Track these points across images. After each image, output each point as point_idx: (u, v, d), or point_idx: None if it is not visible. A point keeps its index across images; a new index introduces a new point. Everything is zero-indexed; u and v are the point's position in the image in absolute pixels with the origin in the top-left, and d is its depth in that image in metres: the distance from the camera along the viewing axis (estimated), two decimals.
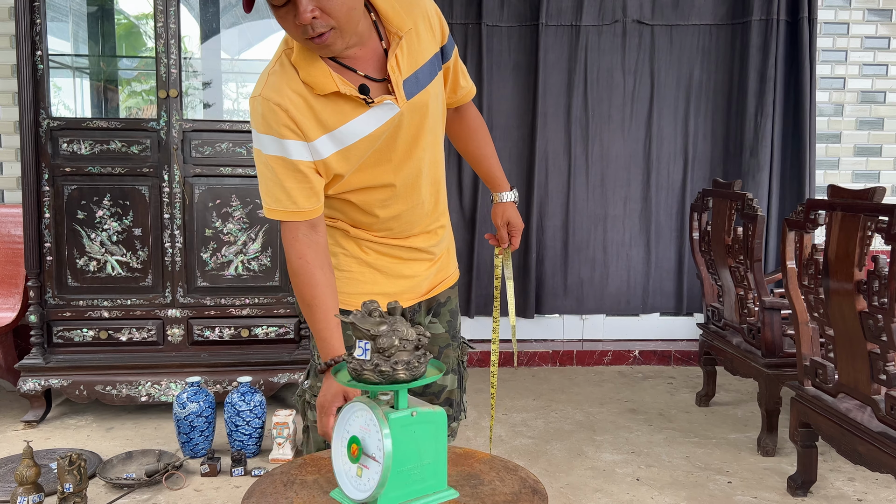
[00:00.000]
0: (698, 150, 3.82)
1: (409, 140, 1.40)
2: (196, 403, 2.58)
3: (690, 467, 2.58)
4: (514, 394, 3.35)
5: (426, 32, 1.38)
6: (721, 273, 2.96)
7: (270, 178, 1.32)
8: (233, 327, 3.02)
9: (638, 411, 3.14)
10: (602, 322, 3.93)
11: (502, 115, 3.72)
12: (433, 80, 1.40)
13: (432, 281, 1.57)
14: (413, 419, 1.10)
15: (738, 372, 2.87)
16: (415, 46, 1.36)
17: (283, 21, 1.21)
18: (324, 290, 1.33)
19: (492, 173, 1.65)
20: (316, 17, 1.17)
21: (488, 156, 1.64)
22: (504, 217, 1.63)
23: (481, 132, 1.63)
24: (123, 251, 2.97)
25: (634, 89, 3.76)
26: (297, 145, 1.29)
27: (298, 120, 1.28)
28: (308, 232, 1.34)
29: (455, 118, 1.62)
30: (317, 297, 1.32)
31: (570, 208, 3.76)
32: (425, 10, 1.38)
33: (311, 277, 1.33)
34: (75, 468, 2.15)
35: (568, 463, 2.61)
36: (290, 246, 1.34)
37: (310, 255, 1.33)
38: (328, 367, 1.31)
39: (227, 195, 2.99)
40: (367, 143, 1.35)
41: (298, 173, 1.31)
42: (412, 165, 1.42)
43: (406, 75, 1.34)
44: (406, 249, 1.51)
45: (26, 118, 2.85)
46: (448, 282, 1.62)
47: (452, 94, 1.53)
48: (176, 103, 2.93)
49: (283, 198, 1.32)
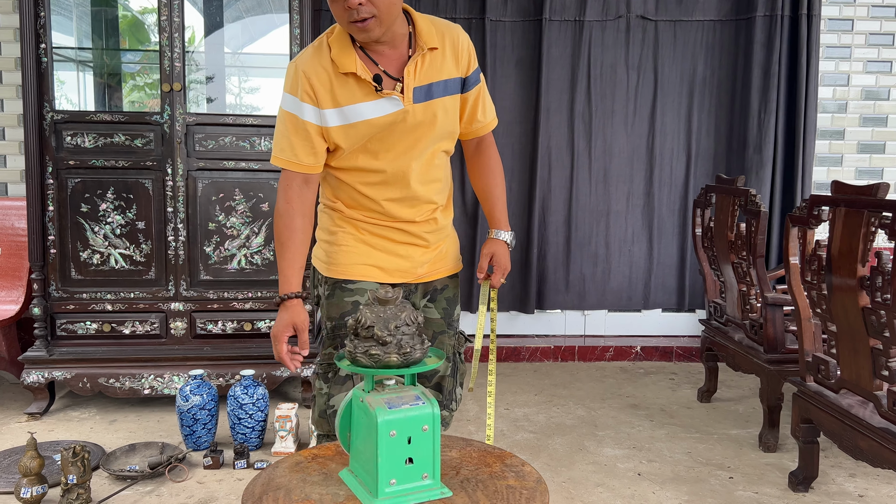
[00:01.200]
0: (701, 146, 3.81)
1: (409, 140, 1.56)
2: (199, 396, 2.59)
3: (692, 463, 2.59)
4: (516, 389, 3.36)
5: (451, 58, 1.57)
6: (723, 269, 2.96)
7: (282, 131, 1.54)
8: (236, 321, 3.03)
9: (639, 407, 3.14)
10: (604, 318, 3.93)
11: (505, 111, 3.71)
12: (444, 97, 1.57)
13: (429, 267, 1.69)
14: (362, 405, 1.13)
15: (740, 368, 2.87)
16: (436, 64, 1.55)
17: (333, 5, 1.42)
18: (299, 234, 1.53)
19: (495, 212, 1.76)
20: (362, 3, 1.39)
21: (497, 196, 1.76)
22: (490, 249, 1.74)
23: (496, 172, 1.76)
24: (127, 244, 2.98)
25: (638, 85, 3.75)
26: (310, 109, 1.51)
27: (317, 89, 1.50)
28: (301, 185, 1.55)
29: (475, 153, 1.77)
30: (292, 238, 1.53)
31: (573, 204, 3.76)
32: (457, 39, 1.58)
33: (291, 220, 1.53)
34: (79, 460, 2.16)
35: (569, 458, 2.61)
36: (282, 191, 1.55)
37: (296, 203, 1.54)
38: (283, 300, 1.52)
39: (230, 189, 2.99)
40: (366, 127, 1.53)
41: (305, 132, 1.52)
42: (404, 161, 1.58)
43: (419, 83, 1.53)
44: (398, 232, 1.64)
45: (30, 111, 2.85)
46: (447, 271, 1.74)
47: (468, 125, 1.69)
48: (179, 97, 2.93)
49: (287, 149, 1.54)
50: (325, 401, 1.60)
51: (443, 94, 1.56)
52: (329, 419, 1.60)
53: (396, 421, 1.10)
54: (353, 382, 1.59)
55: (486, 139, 1.76)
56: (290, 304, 1.51)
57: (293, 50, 2.95)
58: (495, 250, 1.73)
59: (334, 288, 1.62)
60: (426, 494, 1.13)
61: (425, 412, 1.14)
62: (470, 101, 1.64)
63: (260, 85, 3.87)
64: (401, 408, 1.12)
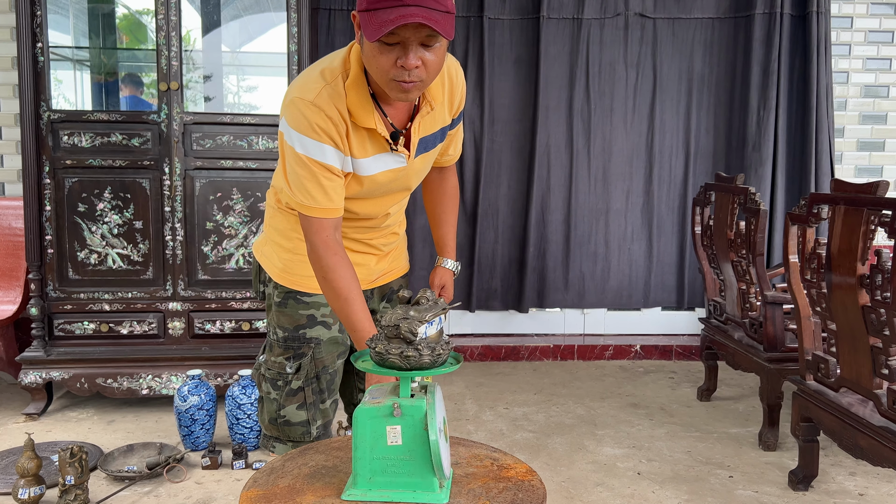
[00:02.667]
0: (700, 143, 3.80)
1: (392, 191, 1.52)
2: (197, 396, 2.58)
3: (692, 461, 2.58)
4: (515, 388, 3.35)
5: (447, 103, 1.51)
6: (723, 267, 2.95)
7: (306, 177, 1.38)
8: (234, 320, 3.02)
9: (639, 406, 3.14)
10: (603, 317, 3.93)
11: (503, 109, 3.70)
12: (435, 148, 1.54)
13: (382, 270, 1.68)
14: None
15: (740, 366, 2.87)
16: (436, 115, 1.49)
17: (380, 56, 1.27)
18: (357, 285, 1.40)
19: (446, 240, 1.77)
20: (417, 66, 1.27)
21: (450, 223, 1.76)
22: (441, 281, 1.76)
23: (452, 201, 1.76)
24: (124, 244, 2.97)
25: (637, 83, 3.74)
26: (335, 153, 1.38)
27: (341, 135, 1.39)
28: (335, 230, 1.41)
29: (436, 180, 1.73)
30: (353, 290, 1.39)
31: (572, 202, 3.75)
32: (455, 80, 1.51)
33: (345, 271, 1.39)
34: (76, 460, 2.15)
35: (569, 457, 2.61)
36: (322, 244, 1.40)
37: (341, 253, 1.41)
38: None
39: (227, 188, 2.98)
40: (370, 184, 1.46)
41: (334, 175, 1.40)
42: (381, 207, 1.55)
43: (421, 135, 1.48)
44: (357, 242, 1.59)
45: (27, 110, 2.84)
46: (398, 272, 1.73)
47: (438, 157, 1.63)
48: (177, 95, 2.92)
49: (319, 196, 1.38)
50: (276, 409, 1.58)
51: (436, 143, 1.54)
52: (280, 427, 1.58)
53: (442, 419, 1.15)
54: (304, 395, 1.57)
55: (450, 168, 1.73)
56: None
57: (291, 48, 2.94)
58: (446, 281, 1.76)
59: (287, 297, 1.57)
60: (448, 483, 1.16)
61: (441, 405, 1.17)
62: (448, 139, 1.60)
63: (258, 84, 3.85)
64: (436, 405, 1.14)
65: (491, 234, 3.76)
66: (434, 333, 1.14)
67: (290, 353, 1.57)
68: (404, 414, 1.11)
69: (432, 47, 1.27)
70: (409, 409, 1.11)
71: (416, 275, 3.66)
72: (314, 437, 1.59)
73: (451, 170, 1.75)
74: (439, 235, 1.77)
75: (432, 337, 1.13)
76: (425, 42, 1.25)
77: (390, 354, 1.11)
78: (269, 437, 1.62)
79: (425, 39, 1.25)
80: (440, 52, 1.29)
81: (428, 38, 1.25)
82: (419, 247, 3.69)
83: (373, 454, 1.12)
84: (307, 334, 1.57)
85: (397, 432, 1.12)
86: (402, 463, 1.12)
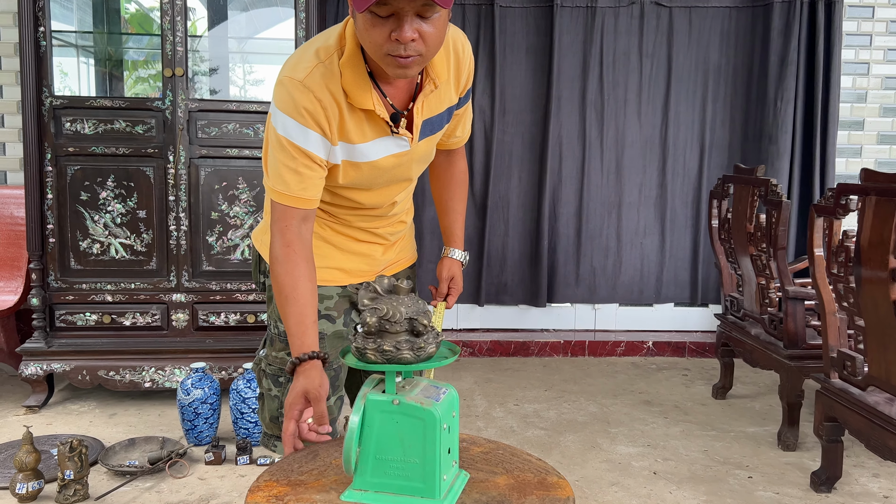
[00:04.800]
0: (716, 136, 3.72)
1: (396, 179, 1.42)
2: (200, 390, 2.51)
3: (709, 461, 2.50)
4: (526, 384, 3.28)
5: (454, 80, 1.39)
6: (741, 262, 2.87)
7: (284, 161, 1.29)
8: (239, 313, 2.95)
9: (653, 403, 3.06)
10: (615, 312, 3.85)
11: (515, 99, 3.62)
12: (442, 130, 1.43)
13: (389, 260, 1.58)
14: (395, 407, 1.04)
15: (758, 364, 2.79)
16: (441, 94, 1.37)
17: (372, 29, 1.17)
18: (305, 283, 1.28)
19: (453, 228, 1.65)
20: (414, 39, 1.16)
21: (458, 211, 1.65)
22: (450, 272, 1.64)
23: (461, 188, 1.65)
24: (127, 234, 2.90)
25: (651, 73, 3.66)
26: (317, 139, 1.28)
27: (330, 120, 1.28)
28: (300, 223, 1.31)
29: (443, 164, 1.62)
30: (297, 288, 1.27)
31: (584, 195, 3.67)
32: (462, 55, 1.39)
33: (294, 267, 1.28)
34: (76, 455, 2.09)
35: (582, 455, 2.53)
36: (278, 233, 1.30)
37: (296, 245, 1.29)
38: (296, 364, 1.25)
39: (233, 177, 2.91)
40: (370, 170, 1.36)
41: (314, 164, 1.29)
42: (386, 197, 1.45)
43: (425, 117, 1.36)
44: (362, 231, 1.50)
45: (28, 96, 2.78)
46: (406, 262, 1.63)
47: (445, 139, 1.53)
48: (182, 82, 2.85)
49: (293, 183, 1.29)
50: (278, 407, 1.49)
51: (440, 126, 1.42)
52: (281, 426, 1.46)
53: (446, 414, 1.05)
54: None
55: (458, 151, 1.61)
56: (306, 368, 1.23)
57: (298, 34, 2.86)
58: (455, 273, 1.64)
59: None
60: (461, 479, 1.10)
61: (454, 397, 1.09)
62: (454, 120, 1.48)
63: (265, 76, 3.78)
64: (440, 400, 1.05)
65: (501, 226, 3.68)
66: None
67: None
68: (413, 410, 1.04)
69: (430, 18, 1.15)
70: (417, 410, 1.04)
71: (425, 268, 3.58)
72: None
73: (460, 153, 1.64)
74: (447, 223, 1.66)
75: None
76: (421, 13, 1.14)
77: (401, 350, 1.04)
78: (270, 435, 1.54)
79: (421, 10, 1.13)
80: (440, 23, 1.17)
81: (424, 9, 1.13)
82: (428, 238, 3.61)
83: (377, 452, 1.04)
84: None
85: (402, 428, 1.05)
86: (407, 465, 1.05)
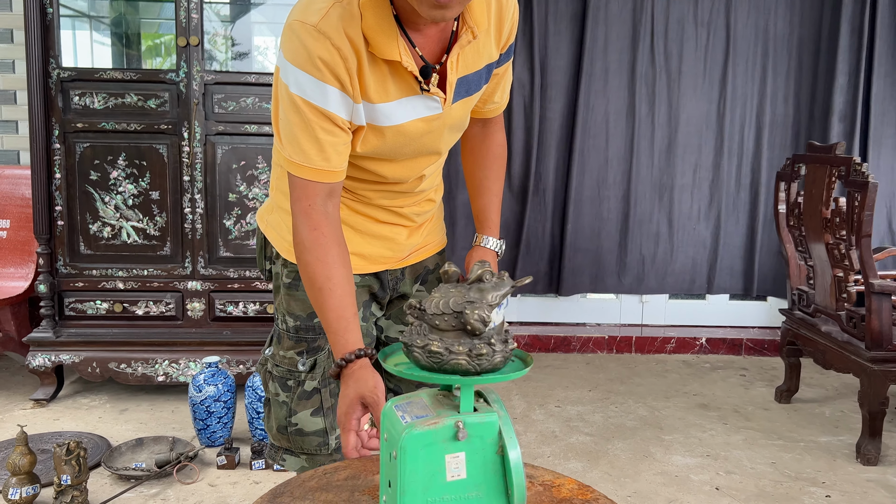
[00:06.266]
0: (777, 112, 3.38)
1: (425, 150, 1.19)
2: (213, 387, 2.31)
3: (778, 476, 2.22)
4: (568, 383, 3.01)
5: (494, 33, 1.17)
6: (813, 251, 2.56)
7: (300, 126, 1.07)
8: (258, 302, 2.74)
9: (709, 407, 2.77)
10: (664, 305, 3.55)
11: (557, 72, 3.33)
12: (479, 92, 1.21)
13: (415, 245, 1.34)
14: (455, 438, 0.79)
15: (833, 366, 2.48)
16: (479, 47, 1.15)
17: None
18: (340, 269, 1.09)
19: (488, 212, 1.38)
20: None
21: (493, 192, 1.39)
22: None
23: (498, 164, 1.40)
24: (140, 216, 2.70)
25: (708, 43, 3.33)
26: (337, 96, 1.05)
27: (351, 72, 1.05)
28: (325, 200, 1.10)
29: (478, 135, 1.38)
30: (332, 278, 1.08)
31: (633, 177, 3.37)
32: (506, 10, 1.17)
33: (325, 253, 1.08)
34: (73, 458, 1.90)
35: (633, 466, 2.27)
36: (303, 214, 1.10)
37: (325, 227, 1.09)
38: (342, 366, 1.05)
39: (252, 156, 2.69)
40: (395, 136, 1.13)
41: (335, 127, 1.08)
42: (413, 170, 1.22)
43: (460, 75, 1.14)
44: (385, 211, 1.27)
45: (34, 67, 2.58)
46: (434, 247, 1.40)
47: (480, 104, 1.30)
48: (197, 52, 2.63)
49: (313, 151, 1.07)
50: (286, 415, 1.26)
51: (477, 87, 1.19)
52: (291, 437, 1.27)
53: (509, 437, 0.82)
54: (320, 398, 1.25)
55: (496, 121, 1.38)
56: (354, 370, 1.04)
57: None
58: None
59: (299, 277, 1.24)
60: None
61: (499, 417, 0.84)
62: (493, 81, 1.24)
63: None
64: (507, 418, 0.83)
65: (540, 211, 3.41)
66: (500, 322, 0.82)
67: (302, 347, 1.26)
68: (470, 435, 0.80)
69: None
70: (477, 429, 0.80)
71: (458, 255, 3.33)
72: (333, 449, 1.28)
73: (498, 123, 1.38)
74: (480, 206, 1.39)
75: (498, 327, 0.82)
76: None
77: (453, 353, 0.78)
78: (277, 448, 1.31)
79: None
80: None
81: None
82: (462, 223, 3.36)
83: (426, 496, 0.80)
84: None
85: (461, 462, 0.80)
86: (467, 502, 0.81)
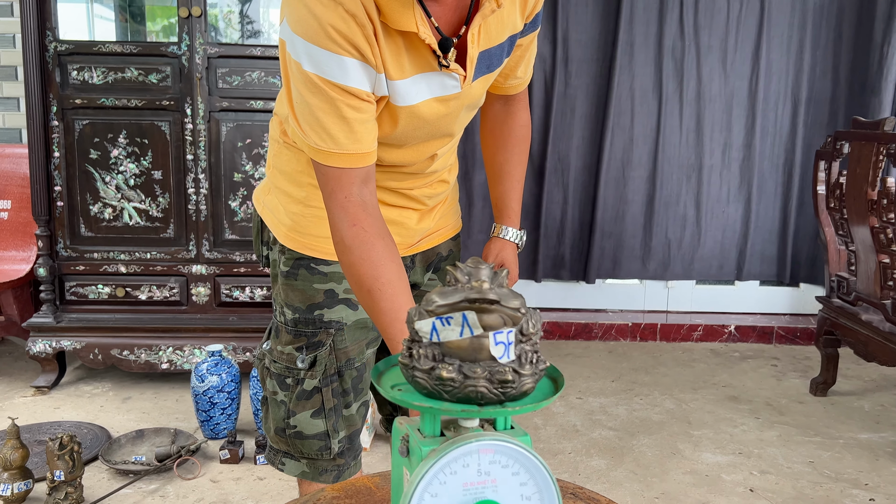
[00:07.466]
0: (815, 89, 3.19)
1: (438, 133, 1.07)
2: (217, 376, 2.20)
3: (817, 476, 2.07)
4: (589, 373, 2.87)
5: (521, 3, 1.04)
6: (856, 235, 2.39)
7: (322, 108, 0.93)
8: (265, 287, 2.62)
9: (740, 399, 2.62)
10: (690, 290, 3.39)
11: (579, 46, 3.16)
12: (500, 66, 1.08)
13: (426, 230, 1.22)
14: None
15: (875, 358, 2.32)
16: (504, 16, 1.02)
17: None
18: (388, 265, 0.95)
19: (508, 199, 1.28)
20: None
21: (515, 178, 1.27)
22: (500, 258, 1.29)
23: (521, 147, 1.28)
24: (142, 197, 2.59)
25: (740, 15, 3.13)
26: (361, 69, 0.93)
27: (370, 39, 0.92)
28: (361, 188, 0.97)
29: (500, 114, 1.26)
30: (380, 277, 0.94)
31: (659, 157, 3.20)
32: None
33: (370, 250, 0.94)
34: (67, 452, 1.80)
35: (661, 464, 2.13)
36: (340, 208, 0.96)
37: (365, 220, 0.96)
38: None
39: (258, 133, 2.56)
40: (409, 119, 1.00)
41: (361, 102, 0.94)
42: (424, 153, 1.10)
43: (481, 48, 1.01)
44: (392, 193, 1.14)
45: (29, 40, 2.46)
46: (448, 232, 1.29)
47: (501, 79, 1.18)
48: (199, 24, 2.49)
49: (342, 135, 0.94)
50: (285, 416, 1.15)
51: (502, 60, 1.07)
52: (290, 440, 1.15)
53: None
54: (321, 398, 1.13)
55: (520, 97, 1.25)
56: None
57: None
58: (507, 257, 1.28)
59: (298, 265, 1.13)
60: None
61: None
62: (517, 53, 1.12)
63: None
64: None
65: (560, 192, 3.25)
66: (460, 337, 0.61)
67: (301, 342, 1.13)
68: None
69: None
70: None
71: (474, 238, 3.19)
72: (336, 453, 1.16)
73: (522, 101, 1.24)
74: (500, 193, 1.27)
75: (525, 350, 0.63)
76: None
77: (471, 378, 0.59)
78: (276, 450, 1.19)
79: None
80: None
81: None
82: (479, 205, 3.21)
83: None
84: (325, 316, 1.12)
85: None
86: None
